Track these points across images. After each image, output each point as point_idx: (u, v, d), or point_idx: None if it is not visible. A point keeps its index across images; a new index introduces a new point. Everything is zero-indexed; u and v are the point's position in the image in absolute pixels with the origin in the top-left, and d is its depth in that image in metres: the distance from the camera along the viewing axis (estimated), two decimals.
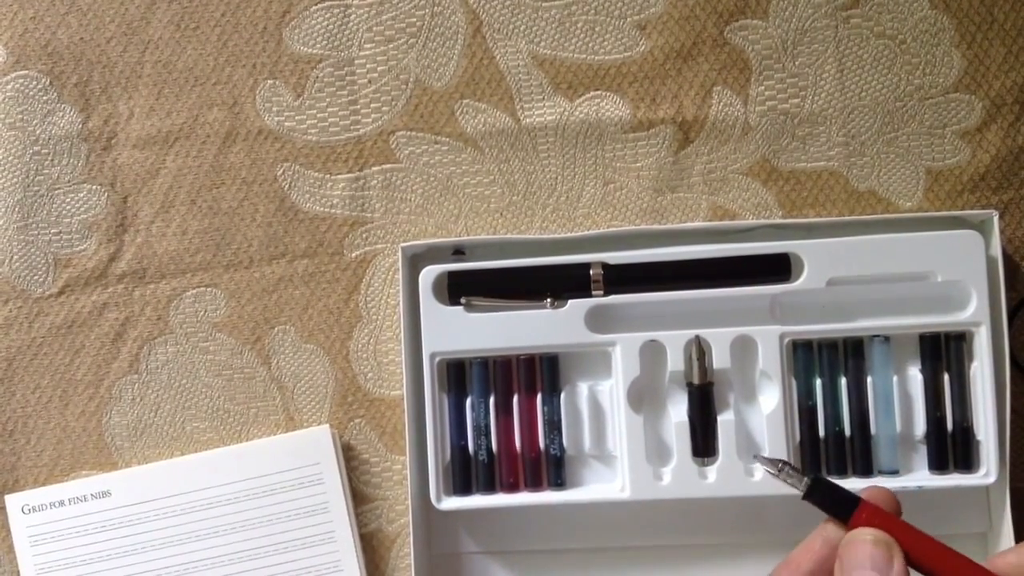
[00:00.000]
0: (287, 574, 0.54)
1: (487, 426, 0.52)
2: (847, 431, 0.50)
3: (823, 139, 0.53)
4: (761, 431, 0.50)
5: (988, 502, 0.51)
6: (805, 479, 0.37)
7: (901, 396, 0.50)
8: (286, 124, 0.55)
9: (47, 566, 0.54)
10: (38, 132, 0.56)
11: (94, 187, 0.56)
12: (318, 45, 0.55)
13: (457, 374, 0.52)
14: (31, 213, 0.56)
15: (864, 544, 0.34)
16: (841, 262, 0.50)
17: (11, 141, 0.56)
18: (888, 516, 0.36)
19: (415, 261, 0.53)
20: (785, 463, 0.38)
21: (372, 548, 0.55)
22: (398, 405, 0.54)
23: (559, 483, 0.52)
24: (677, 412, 0.51)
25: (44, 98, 0.56)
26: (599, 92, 0.54)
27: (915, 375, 0.51)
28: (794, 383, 0.50)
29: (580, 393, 0.52)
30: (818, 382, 0.51)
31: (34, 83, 0.56)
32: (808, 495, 0.37)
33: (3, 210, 0.56)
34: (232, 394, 0.55)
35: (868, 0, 0.53)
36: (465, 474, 0.52)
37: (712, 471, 0.50)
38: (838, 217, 0.53)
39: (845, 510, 0.36)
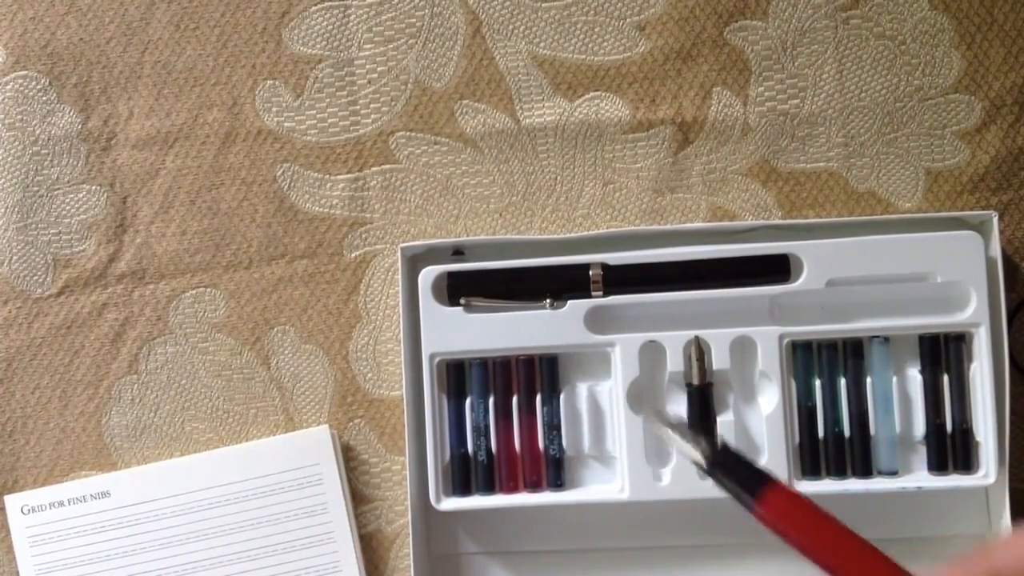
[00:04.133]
0: (286, 574, 0.54)
1: (486, 427, 0.52)
2: (846, 432, 0.50)
3: (822, 140, 0.53)
4: (760, 432, 0.50)
5: (987, 503, 0.51)
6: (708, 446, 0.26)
7: (900, 397, 0.50)
8: (286, 124, 0.55)
9: (47, 566, 0.54)
10: (38, 132, 0.56)
11: (94, 187, 0.56)
12: (318, 45, 0.55)
13: (457, 375, 0.52)
14: (31, 213, 0.56)
15: None
16: (840, 263, 0.50)
17: (11, 141, 0.56)
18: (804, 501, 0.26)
19: (414, 262, 0.53)
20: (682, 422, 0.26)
21: (372, 548, 0.55)
22: (398, 406, 0.54)
23: (558, 484, 0.51)
24: (676, 413, 0.51)
25: (44, 98, 0.56)
26: (599, 92, 0.54)
27: (914, 376, 0.51)
28: (793, 384, 0.50)
29: (579, 394, 0.52)
30: (817, 383, 0.50)
31: (34, 83, 0.56)
32: (713, 469, 0.27)
33: (3, 210, 0.56)
34: (232, 394, 0.55)
35: (868, 1, 0.53)
36: (464, 475, 0.52)
37: None
38: (837, 218, 0.53)
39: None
